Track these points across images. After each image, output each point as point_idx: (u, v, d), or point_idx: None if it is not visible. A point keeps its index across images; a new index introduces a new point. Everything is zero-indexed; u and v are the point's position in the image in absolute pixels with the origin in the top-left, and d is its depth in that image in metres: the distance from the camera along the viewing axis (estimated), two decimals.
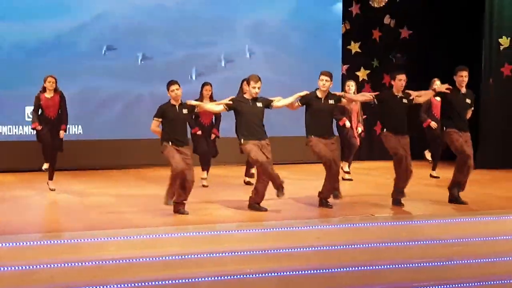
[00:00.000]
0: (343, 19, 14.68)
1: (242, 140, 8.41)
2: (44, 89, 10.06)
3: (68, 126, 10.34)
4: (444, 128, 8.97)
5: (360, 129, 11.25)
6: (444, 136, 9.08)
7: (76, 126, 12.78)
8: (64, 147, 10.22)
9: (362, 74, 14.93)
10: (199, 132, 10.38)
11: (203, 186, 10.51)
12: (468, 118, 9.13)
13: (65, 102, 10.14)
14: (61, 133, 10.08)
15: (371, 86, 14.48)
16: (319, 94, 8.64)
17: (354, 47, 14.99)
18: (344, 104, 9.49)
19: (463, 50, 13.57)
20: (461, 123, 8.92)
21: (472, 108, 9.16)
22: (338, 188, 8.75)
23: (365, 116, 11.43)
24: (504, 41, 13.14)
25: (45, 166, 10.16)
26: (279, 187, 8.37)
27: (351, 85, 11.13)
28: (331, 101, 8.68)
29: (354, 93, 10.83)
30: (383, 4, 14.19)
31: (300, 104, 8.68)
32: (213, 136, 10.55)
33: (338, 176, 8.77)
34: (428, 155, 11.57)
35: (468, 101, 8.98)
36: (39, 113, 10.07)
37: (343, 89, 11.55)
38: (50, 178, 10.21)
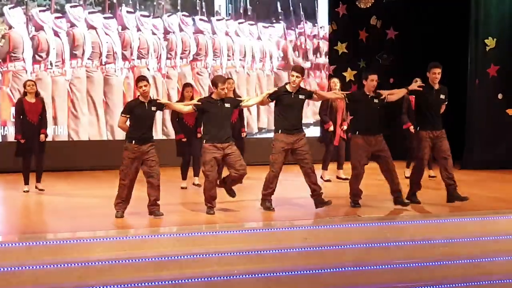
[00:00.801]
0: (329, 20, 14.69)
1: (204, 142, 8.36)
2: (24, 94, 10.01)
3: (54, 126, 10.26)
4: (418, 128, 8.96)
5: (345, 127, 11.21)
6: (416, 136, 9.05)
7: (62, 126, 12.71)
8: (49, 147, 10.17)
9: (349, 75, 14.95)
10: (184, 139, 10.29)
11: (194, 184, 10.50)
12: (441, 113, 9.08)
13: (45, 108, 10.17)
14: (42, 136, 10.00)
15: (358, 87, 14.46)
16: (289, 88, 8.56)
17: (341, 48, 15.01)
18: (316, 100, 9.29)
19: (450, 51, 13.60)
20: (435, 120, 8.87)
21: (446, 103, 9.11)
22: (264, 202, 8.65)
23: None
24: (490, 42, 13.19)
25: (26, 188, 10.07)
26: (208, 207, 8.35)
27: (336, 81, 11.11)
28: (301, 96, 8.60)
29: (338, 90, 10.75)
30: (370, 5, 14.22)
31: (270, 100, 8.65)
32: (199, 135, 10.46)
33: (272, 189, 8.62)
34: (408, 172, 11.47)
35: (442, 96, 8.95)
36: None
37: (328, 87, 11.55)
38: (38, 180, 10.13)
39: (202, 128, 8.64)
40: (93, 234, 7.15)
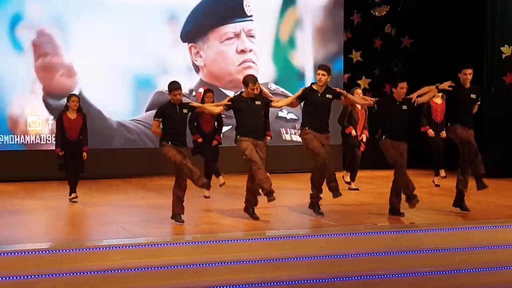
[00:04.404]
0: (344, 28, 14.68)
1: (238, 136, 8.35)
2: (66, 108, 9.81)
3: None
4: (449, 124, 8.89)
5: (364, 136, 11.10)
6: (448, 132, 9.01)
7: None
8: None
9: (363, 82, 14.93)
10: (200, 140, 10.26)
11: (205, 196, 10.37)
12: (474, 113, 9.02)
13: (86, 124, 9.94)
14: (84, 155, 9.87)
15: (373, 95, 14.40)
16: (315, 87, 8.58)
17: (356, 56, 15.00)
18: (344, 103, 9.26)
19: (465, 58, 13.48)
20: (466, 119, 8.79)
21: (479, 103, 9.05)
22: (336, 187, 8.60)
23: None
24: (506, 50, 13.12)
25: (73, 196, 9.92)
26: (268, 193, 8.22)
27: (360, 93, 10.97)
28: (328, 95, 8.59)
29: None
30: (384, 13, 14.22)
31: (299, 102, 8.67)
32: (215, 142, 10.43)
33: (333, 173, 8.62)
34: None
35: (473, 96, 8.86)
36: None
37: None
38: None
39: (236, 126, 8.53)
40: (109, 242, 7.17)
